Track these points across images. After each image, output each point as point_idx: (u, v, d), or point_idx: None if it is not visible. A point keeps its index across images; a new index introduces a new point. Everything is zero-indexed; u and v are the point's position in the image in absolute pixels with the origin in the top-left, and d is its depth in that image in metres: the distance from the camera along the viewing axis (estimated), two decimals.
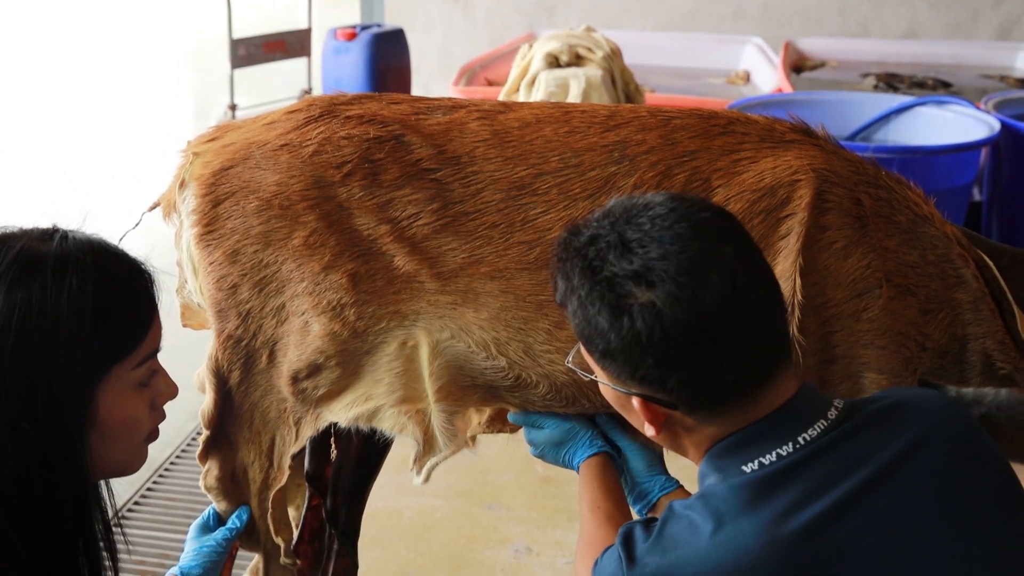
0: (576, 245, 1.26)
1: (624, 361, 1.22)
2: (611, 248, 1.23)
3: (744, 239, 1.25)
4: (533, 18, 6.85)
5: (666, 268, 1.18)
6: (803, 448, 1.21)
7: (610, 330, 1.21)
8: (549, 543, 2.82)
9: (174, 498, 3.05)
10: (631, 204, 1.27)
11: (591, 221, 1.28)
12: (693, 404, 1.23)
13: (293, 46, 7.15)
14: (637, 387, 1.23)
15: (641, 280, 1.19)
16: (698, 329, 1.17)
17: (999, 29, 6.36)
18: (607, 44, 3.85)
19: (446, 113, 1.65)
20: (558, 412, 1.64)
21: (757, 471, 1.21)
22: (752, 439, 1.23)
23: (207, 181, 1.63)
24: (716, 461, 1.25)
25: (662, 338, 1.18)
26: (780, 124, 1.64)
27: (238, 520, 1.70)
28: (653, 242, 1.21)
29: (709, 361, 1.19)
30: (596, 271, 1.23)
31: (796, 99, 4.03)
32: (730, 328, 1.18)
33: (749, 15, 6.68)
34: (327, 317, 1.59)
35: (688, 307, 1.17)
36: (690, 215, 1.23)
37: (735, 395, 1.22)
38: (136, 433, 1.32)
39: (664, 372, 1.20)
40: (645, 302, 1.18)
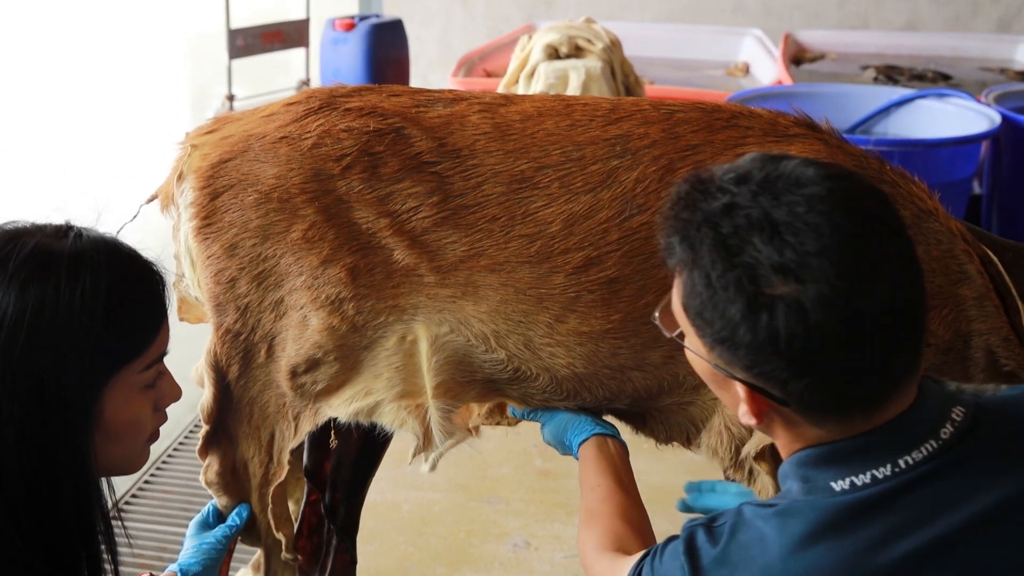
0: (706, 210, 1.10)
1: (746, 355, 1.08)
2: (755, 228, 1.06)
3: (905, 235, 1.10)
4: (532, 9, 6.83)
5: (822, 266, 1.03)
6: (903, 473, 1.09)
7: (742, 322, 1.06)
8: (548, 537, 2.81)
9: (172, 491, 3.03)
10: (774, 172, 1.10)
11: (724, 182, 1.11)
12: (810, 409, 1.10)
13: (291, 36, 7.12)
14: (749, 378, 1.10)
15: (790, 275, 1.04)
16: (846, 338, 1.03)
17: (999, 22, 6.35)
18: (607, 36, 3.83)
19: (447, 106, 1.64)
20: (559, 406, 1.63)
21: (848, 492, 1.10)
22: (850, 453, 1.10)
23: (205, 174, 1.62)
24: (803, 468, 1.13)
25: (804, 343, 1.04)
26: (784, 118, 1.63)
27: (238, 518, 1.70)
28: (809, 230, 1.04)
29: (847, 371, 1.06)
30: (733, 252, 1.06)
31: (796, 91, 4.02)
32: (880, 340, 1.04)
33: (748, 7, 6.67)
34: (326, 311, 1.58)
35: (841, 313, 1.03)
36: (852, 203, 1.07)
37: (861, 405, 1.09)
38: (139, 434, 1.32)
39: (792, 376, 1.06)
40: (790, 301, 1.03)
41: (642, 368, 1.58)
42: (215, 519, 1.71)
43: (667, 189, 1.53)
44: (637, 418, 1.67)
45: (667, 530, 2.64)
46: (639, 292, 1.54)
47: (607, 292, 1.54)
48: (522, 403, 1.65)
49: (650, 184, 1.54)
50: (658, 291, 1.53)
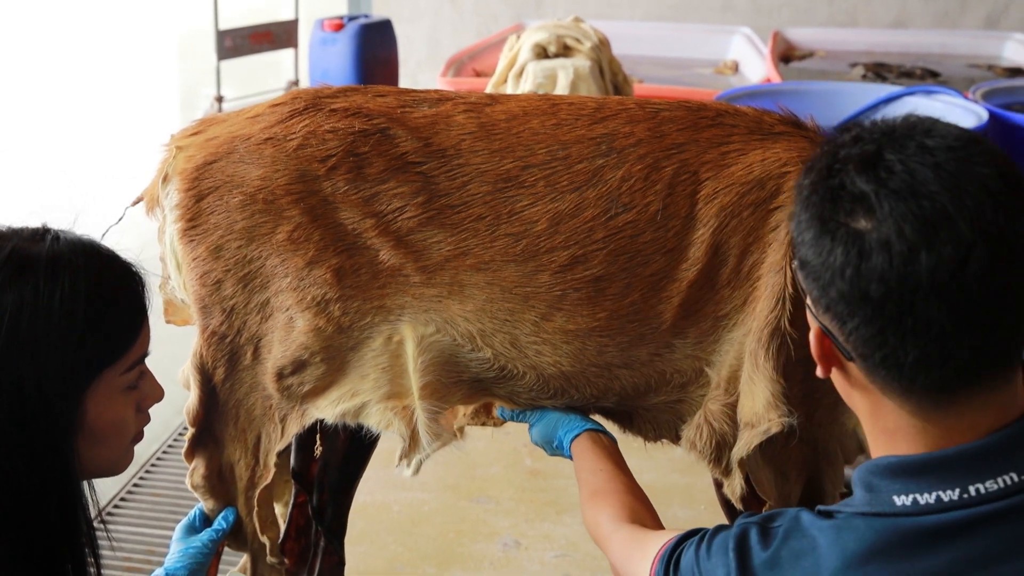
0: (840, 139, 1.08)
1: (814, 281, 1.05)
2: (860, 158, 1.03)
3: (1018, 217, 1.01)
4: (521, 8, 6.83)
5: (898, 209, 0.99)
6: (973, 502, 1.01)
7: (813, 243, 1.04)
8: (537, 536, 2.81)
9: (160, 494, 3.03)
10: (920, 123, 1.06)
11: (874, 122, 1.09)
12: (868, 363, 1.04)
13: (280, 37, 7.12)
14: (822, 316, 1.07)
15: (865, 207, 1.00)
16: (896, 287, 0.99)
17: (986, 18, 6.37)
18: (595, 35, 3.83)
19: (432, 106, 1.64)
20: (546, 405, 1.63)
21: (908, 510, 1.03)
22: (921, 469, 1.04)
23: (190, 175, 1.61)
24: (872, 477, 1.08)
25: (854, 276, 1.00)
26: (769, 116, 1.62)
27: (224, 521, 1.69)
28: (905, 173, 1.00)
29: (896, 325, 1.00)
30: (831, 174, 1.05)
31: (784, 89, 4.02)
32: (936, 305, 0.98)
33: (737, 5, 6.68)
34: (311, 313, 1.57)
35: (897, 261, 0.98)
36: (966, 163, 1.01)
37: (918, 381, 1.02)
38: (123, 435, 1.32)
39: (846, 311, 1.02)
40: (854, 231, 1.01)
41: (629, 366, 1.58)
42: (201, 523, 1.71)
43: (653, 188, 1.54)
44: (625, 417, 1.67)
45: None
46: (625, 290, 1.54)
47: (593, 290, 1.54)
48: (509, 403, 1.65)
49: (635, 183, 1.54)
50: (644, 289, 1.53)
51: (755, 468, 1.61)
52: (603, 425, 1.64)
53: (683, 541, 1.21)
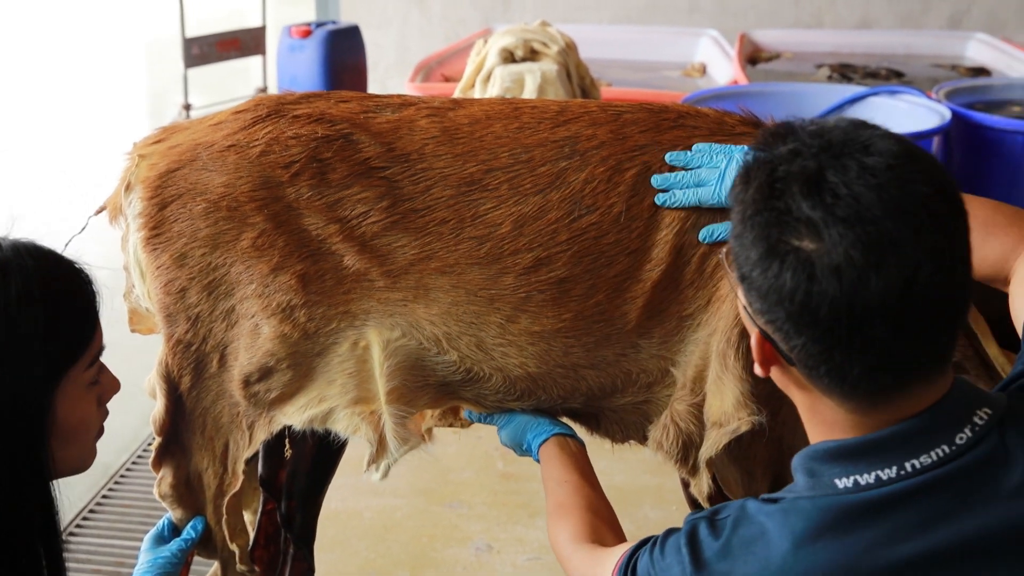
0: (774, 152, 1.08)
1: (757, 298, 1.07)
2: (802, 179, 1.04)
3: (956, 232, 1.05)
4: (489, 13, 6.84)
5: (844, 235, 1.00)
6: (909, 476, 1.06)
7: (758, 263, 1.06)
8: (510, 540, 2.82)
9: (130, 505, 3.01)
10: (854, 134, 1.06)
11: (803, 131, 1.09)
12: (812, 374, 1.07)
13: (247, 44, 7.09)
14: (763, 324, 1.09)
15: (813, 232, 1.02)
16: (845, 310, 1.01)
17: (949, 19, 6.44)
18: (562, 38, 3.84)
19: (395, 111, 1.64)
20: (513, 407, 1.63)
21: (850, 491, 1.08)
22: (859, 451, 1.08)
23: (153, 184, 1.61)
24: (812, 462, 1.12)
25: (804, 301, 1.02)
26: (730, 117, 1.64)
27: (193, 531, 1.69)
28: (849, 197, 1.01)
29: (844, 345, 1.03)
30: (774, 194, 1.05)
31: (751, 91, 4.05)
32: (882, 325, 1.01)
33: (704, 8, 6.71)
34: (277, 319, 1.57)
35: (846, 285, 1.00)
36: (908, 184, 1.03)
37: (860, 389, 1.06)
38: (89, 432, 1.33)
39: (792, 330, 1.05)
40: (803, 257, 1.02)
41: (596, 367, 1.58)
42: (170, 532, 1.70)
43: (616, 189, 1.55)
44: (591, 419, 1.67)
45: (630, 531, 2.66)
46: (589, 291, 1.54)
47: (557, 291, 1.54)
48: (477, 405, 1.65)
49: (598, 185, 1.55)
50: (608, 290, 1.54)
51: (722, 467, 1.62)
52: (571, 427, 1.64)
53: (637, 550, 1.23)
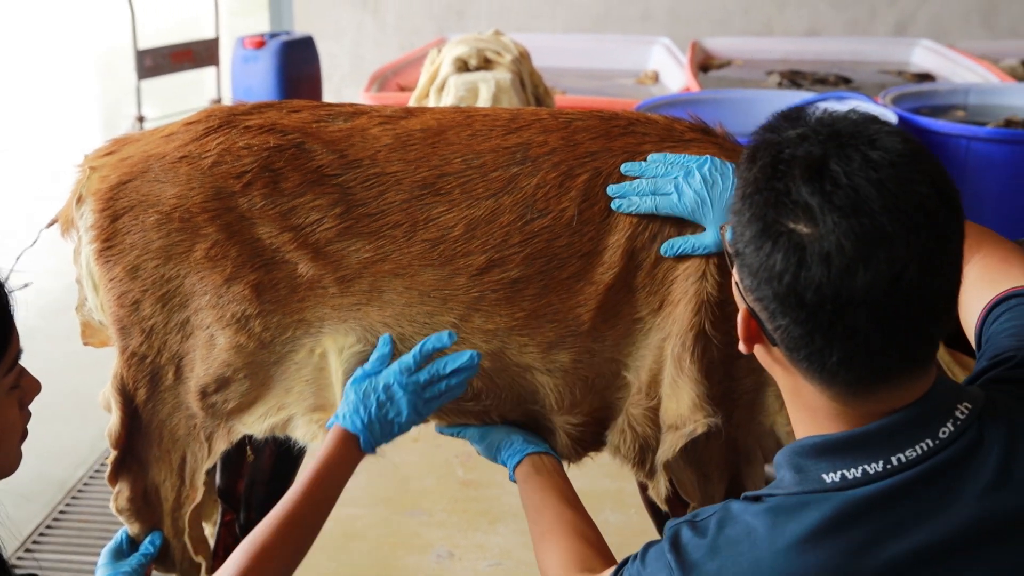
0: (782, 134, 1.09)
1: (748, 274, 1.08)
2: (806, 163, 1.05)
3: (951, 234, 1.06)
4: (443, 22, 6.85)
5: (838, 224, 1.01)
6: (896, 471, 1.07)
7: (751, 241, 1.07)
8: (471, 546, 2.82)
9: (87, 520, 2.98)
10: (864, 128, 1.07)
11: (813, 118, 1.10)
12: (792, 355, 1.08)
13: (201, 55, 7.04)
14: (752, 302, 1.10)
15: (808, 217, 1.03)
16: (831, 298, 1.02)
17: (895, 26, 6.55)
18: (515, 47, 3.87)
19: (347, 120, 1.65)
20: (468, 407, 1.63)
21: (837, 485, 1.08)
22: (845, 446, 1.08)
23: (105, 196, 1.61)
24: (798, 458, 1.11)
25: (791, 282, 1.03)
26: (679, 123, 1.66)
27: (151, 545, 1.68)
28: (848, 187, 1.02)
29: (824, 331, 1.04)
30: (776, 175, 1.06)
31: (703, 98, 4.10)
32: (865, 316, 1.02)
33: (657, 16, 6.78)
34: (232, 330, 1.57)
35: (835, 273, 1.01)
36: (908, 182, 1.03)
37: (839, 377, 1.07)
38: (13, 437, 1.31)
39: (777, 310, 1.06)
40: (796, 240, 1.03)
41: (551, 372, 1.60)
42: (128, 546, 1.69)
43: (567, 194, 1.57)
44: (548, 433, 1.66)
45: None
46: (542, 291, 1.56)
47: (510, 291, 1.56)
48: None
49: (550, 189, 1.57)
50: (561, 292, 1.56)
51: (678, 470, 1.64)
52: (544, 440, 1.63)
53: (620, 568, 1.22)
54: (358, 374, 1.54)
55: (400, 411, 1.52)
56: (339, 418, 1.52)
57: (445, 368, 1.54)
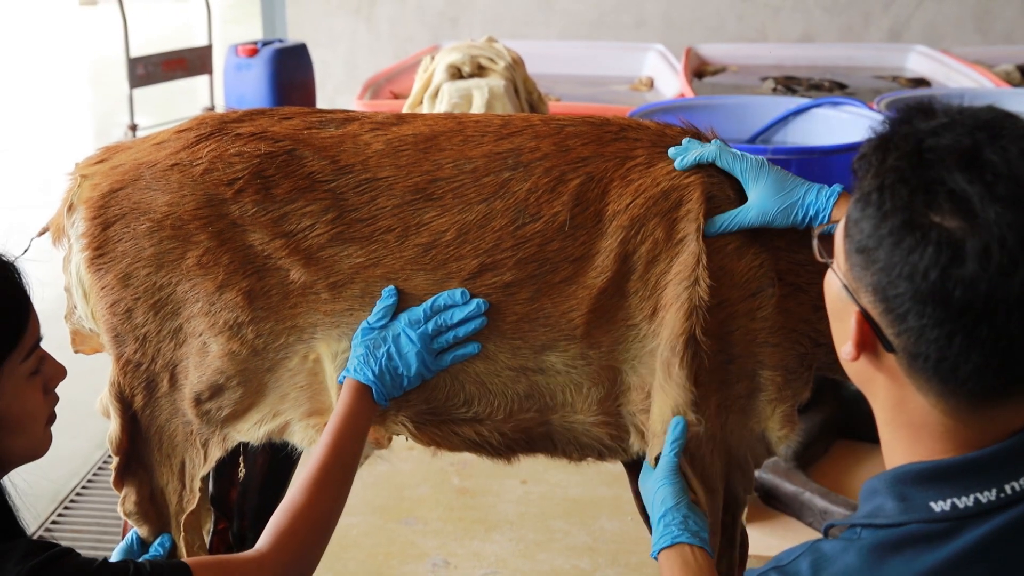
0: (920, 125, 1.02)
1: (877, 271, 1.00)
2: (958, 151, 0.97)
3: None
4: (437, 29, 6.85)
5: (1001, 217, 0.94)
6: (1011, 500, 0.99)
7: (889, 236, 0.98)
8: (467, 555, 2.81)
9: (81, 529, 2.96)
10: (1009, 120, 1.00)
11: (952, 107, 1.03)
12: (915, 362, 1.00)
13: (194, 64, 7.05)
14: (870, 304, 1.02)
15: (964, 207, 0.95)
16: (984, 297, 0.94)
17: (889, 32, 6.56)
18: (508, 54, 3.86)
19: (339, 126, 1.65)
20: (463, 417, 1.62)
21: (948, 515, 1.00)
22: (955, 473, 1.01)
23: (96, 204, 1.60)
24: (901, 486, 1.03)
25: (938, 279, 0.95)
26: (671, 129, 1.66)
27: (161, 548, 1.69)
28: (1010, 177, 0.95)
29: (968, 334, 0.96)
30: (924, 164, 0.98)
31: (698, 104, 4.09)
32: (1015, 321, 0.95)
33: (651, 23, 6.78)
34: (224, 337, 1.57)
35: (993, 274, 0.94)
36: None
37: (967, 386, 0.99)
38: (37, 421, 1.34)
39: (913, 310, 0.98)
40: (950, 234, 0.95)
41: (544, 372, 1.59)
42: (139, 546, 1.70)
43: (559, 199, 1.56)
44: (547, 441, 1.67)
45: (587, 542, 2.67)
46: (535, 295, 1.56)
47: (503, 295, 1.56)
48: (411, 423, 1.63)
49: (542, 194, 1.57)
50: (553, 296, 1.56)
51: None
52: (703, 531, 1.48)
53: None
54: (363, 326, 1.56)
55: (409, 364, 1.54)
56: (350, 371, 1.54)
57: (452, 318, 1.55)
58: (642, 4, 6.76)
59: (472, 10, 6.89)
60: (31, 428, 1.34)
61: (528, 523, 2.91)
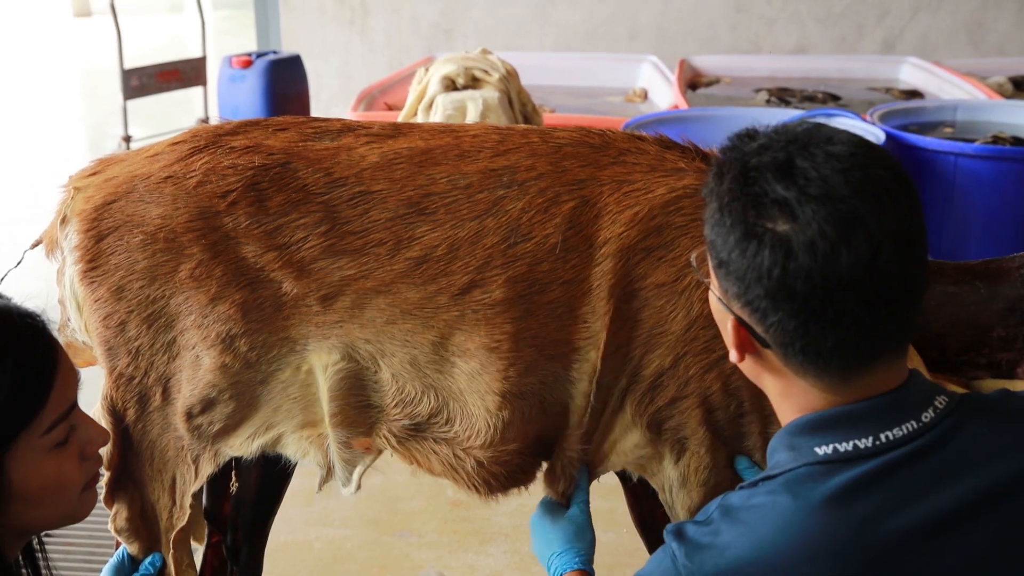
0: (745, 148, 1.19)
1: (736, 280, 1.15)
2: (774, 166, 1.14)
3: (913, 213, 1.15)
4: (431, 41, 6.86)
5: (817, 212, 1.10)
6: (884, 448, 1.15)
7: (736, 246, 1.14)
8: (461, 567, 2.80)
9: (72, 543, 2.95)
10: (817, 131, 1.17)
11: (770, 131, 1.20)
12: (787, 351, 1.16)
13: (188, 75, 7.04)
14: (739, 310, 1.17)
15: (787, 212, 1.11)
16: (820, 283, 1.10)
17: (883, 43, 6.58)
18: (503, 66, 3.87)
19: (334, 138, 1.64)
20: (443, 436, 1.61)
21: (829, 457, 1.16)
22: (834, 422, 1.17)
23: (89, 216, 1.59)
24: (791, 437, 1.20)
25: (780, 276, 1.11)
26: (671, 153, 1.61)
27: (152, 567, 1.67)
28: (818, 179, 1.11)
29: (818, 317, 1.11)
30: (748, 182, 1.15)
31: (692, 115, 4.10)
32: (853, 297, 1.10)
33: (645, 34, 6.79)
34: (217, 350, 1.56)
35: (820, 259, 1.09)
36: (869, 167, 1.13)
37: (833, 363, 1.14)
38: (65, 491, 1.25)
39: (769, 307, 1.13)
40: (780, 235, 1.11)
41: (524, 397, 1.56)
42: (130, 563, 1.68)
43: (552, 221, 1.55)
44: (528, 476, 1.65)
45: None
46: (523, 315, 1.54)
47: (491, 312, 1.54)
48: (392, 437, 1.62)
49: (535, 215, 1.55)
50: (542, 316, 1.54)
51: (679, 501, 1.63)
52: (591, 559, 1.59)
53: None
54: None
55: None
56: None
57: None
58: (636, 16, 6.77)
59: (466, 22, 6.90)
60: (59, 498, 1.24)
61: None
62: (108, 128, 7.63)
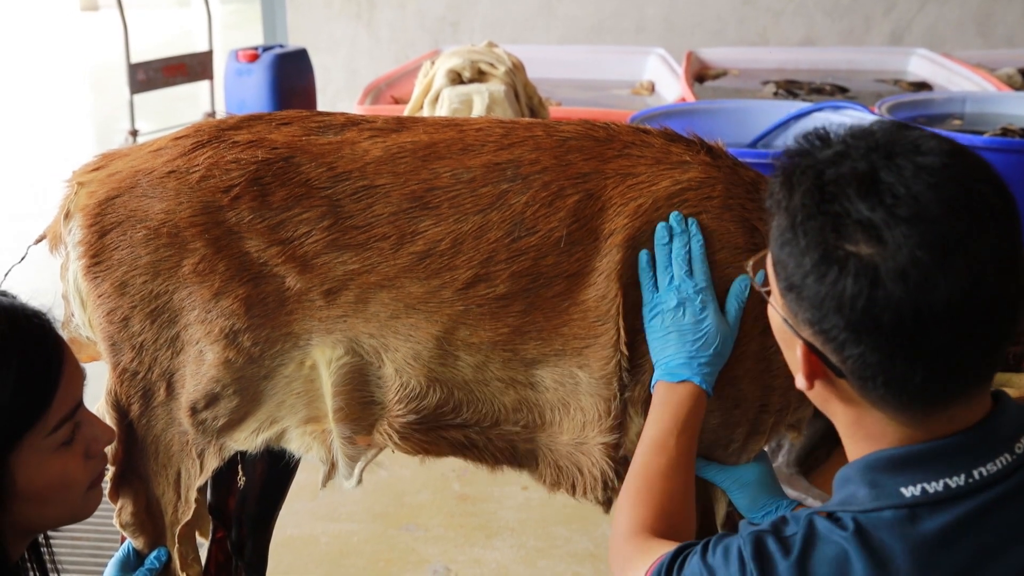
0: (818, 156, 1.05)
1: (809, 307, 1.03)
2: (855, 180, 1.01)
3: (1014, 233, 1.02)
4: (437, 34, 6.85)
5: (909, 235, 0.97)
6: (978, 486, 1.04)
7: (812, 271, 1.02)
8: (468, 561, 2.80)
9: (79, 538, 2.95)
10: (899, 135, 1.04)
11: (844, 135, 1.07)
12: (865, 385, 1.04)
13: (194, 69, 7.05)
14: (811, 336, 1.05)
15: (874, 235, 0.98)
16: (911, 314, 0.97)
17: (891, 35, 6.55)
18: (509, 59, 3.85)
19: (338, 133, 1.63)
20: (451, 423, 1.60)
21: (918, 499, 1.04)
22: (922, 459, 1.05)
23: (93, 211, 1.59)
24: (872, 473, 1.07)
25: (865, 307, 0.98)
26: (676, 146, 1.60)
27: (157, 561, 1.67)
28: (908, 196, 0.98)
29: (906, 352, 1.00)
30: (826, 199, 1.01)
31: (699, 108, 4.07)
32: (949, 330, 0.98)
33: (651, 27, 6.77)
34: (220, 345, 1.56)
35: (913, 287, 0.97)
36: (965, 181, 1.00)
37: (917, 399, 1.03)
38: (70, 490, 1.26)
39: (849, 339, 1.01)
40: (866, 261, 0.98)
41: (534, 387, 1.58)
42: (135, 558, 1.68)
43: (556, 215, 1.54)
44: (531, 459, 1.65)
45: (588, 548, 2.64)
46: (527, 308, 1.54)
47: (496, 307, 1.54)
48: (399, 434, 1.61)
49: (539, 208, 1.54)
50: (546, 310, 1.54)
51: None
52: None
53: (680, 553, 1.17)
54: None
55: None
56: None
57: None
58: (643, 8, 6.75)
59: (473, 15, 6.89)
60: (64, 496, 1.25)
61: (529, 530, 2.90)
62: (115, 122, 7.63)
